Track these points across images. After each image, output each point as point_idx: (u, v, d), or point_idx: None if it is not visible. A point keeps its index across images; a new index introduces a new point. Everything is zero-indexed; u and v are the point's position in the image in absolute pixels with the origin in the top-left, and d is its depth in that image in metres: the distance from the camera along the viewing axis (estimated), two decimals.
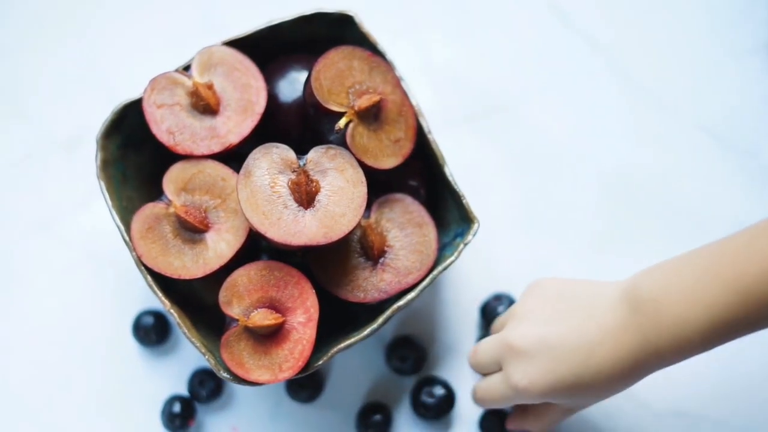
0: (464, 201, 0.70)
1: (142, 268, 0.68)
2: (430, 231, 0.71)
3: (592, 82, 0.86)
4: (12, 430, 0.80)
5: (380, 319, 0.67)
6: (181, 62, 0.72)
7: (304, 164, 0.66)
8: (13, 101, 0.86)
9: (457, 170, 0.77)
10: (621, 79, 0.86)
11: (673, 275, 0.62)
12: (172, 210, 0.68)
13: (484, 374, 0.73)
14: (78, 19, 0.87)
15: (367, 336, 0.67)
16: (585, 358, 0.63)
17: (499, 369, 0.70)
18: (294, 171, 0.65)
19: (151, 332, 0.79)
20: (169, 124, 0.69)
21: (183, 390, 0.80)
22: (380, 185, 0.71)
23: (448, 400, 0.78)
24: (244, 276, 0.66)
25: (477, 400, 0.74)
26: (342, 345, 0.66)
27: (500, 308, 0.79)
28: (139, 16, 0.87)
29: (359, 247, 0.69)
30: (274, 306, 0.66)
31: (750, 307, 0.59)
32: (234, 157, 0.70)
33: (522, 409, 0.75)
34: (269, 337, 0.66)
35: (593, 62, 0.87)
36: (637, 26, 0.87)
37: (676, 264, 0.63)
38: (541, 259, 0.82)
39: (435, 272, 0.69)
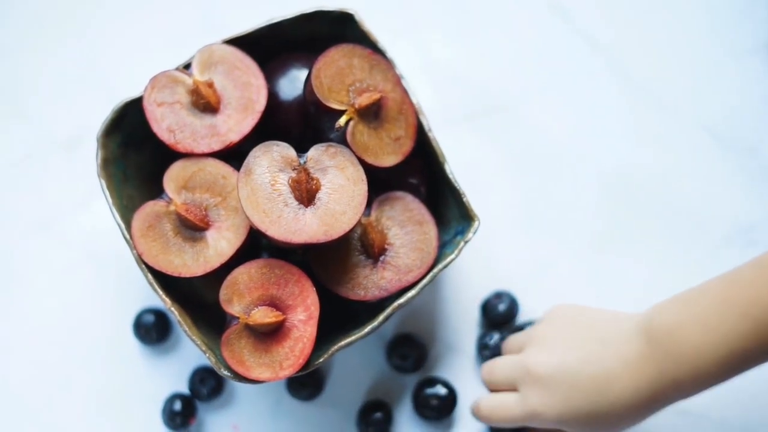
0: (465, 199, 0.70)
1: (143, 266, 0.68)
2: (430, 229, 0.71)
3: (592, 81, 0.86)
4: (13, 428, 0.80)
5: (381, 317, 0.67)
6: (182, 61, 0.72)
7: (305, 162, 0.66)
8: (14, 101, 0.86)
9: (458, 169, 0.77)
10: (621, 78, 0.86)
11: (688, 306, 0.63)
12: (172, 208, 0.68)
13: (493, 390, 0.74)
14: (78, 19, 0.87)
15: (368, 334, 0.67)
16: (603, 388, 0.64)
17: (513, 389, 0.71)
18: (294, 169, 0.65)
19: (152, 330, 0.79)
20: (170, 122, 0.69)
21: (184, 388, 0.80)
22: (381, 183, 0.71)
23: (451, 401, 0.78)
24: (244, 274, 0.66)
25: (482, 416, 0.74)
26: (342, 343, 0.66)
27: (501, 306, 0.79)
28: (139, 16, 0.88)
29: (360, 245, 0.69)
30: (274, 304, 0.66)
31: (765, 335, 0.59)
32: (234, 155, 0.70)
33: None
34: (270, 335, 0.66)
35: (593, 62, 0.87)
36: (638, 26, 0.87)
37: (691, 295, 0.64)
38: (541, 258, 0.82)
39: (435, 270, 0.69)
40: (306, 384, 0.78)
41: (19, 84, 0.86)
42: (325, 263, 0.69)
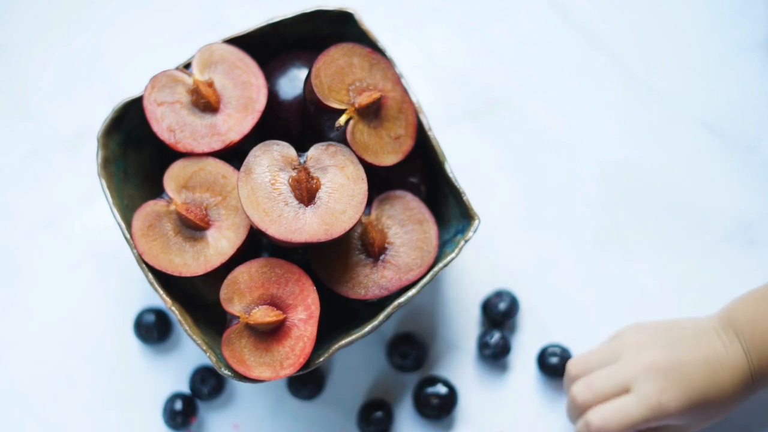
0: (465, 198, 0.70)
1: (143, 265, 0.68)
2: (430, 228, 0.71)
3: (593, 79, 0.86)
4: (16, 425, 0.80)
5: (381, 316, 0.67)
6: (185, 59, 0.72)
7: (305, 161, 0.66)
8: (17, 99, 0.86)
9: (459, 167, 0.77)
10: (622, 76, 0.86)
11: (761, 300, 0.70)
12: (173, 208, 0.68)
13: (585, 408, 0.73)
14: (81, 18, 0.88)
15: (368, 333, 0.67)
16: (711, 375, 0.69)
17: (620, 394, 0.71)
18: (294, 168, 0.65)
19: (153, 330, 0.79)
20: (170, 121, 0.69)
21: (184, 387, 0.80)
22: (381, 182, 0.71)
23: (451, 400, 0.78)
24: (245, 273, 0.66)
25: (596, 429, 0.71)
26: (343, 342, 0.66)
27: (501, 305, 0.79)
28: (141, 15, 0.88)
29: (360, 244, 0.69)
30: (275, 303, 0.66)
31: None
32: (235, 154, 0.70)
33: None
34: (270, 334, 0.66)
35: (594, 59, 0.87)
36: (638, 23, 0.87)
37: (764, 290, 0.72)
38: (542, 256, 0.82)
39: (436, 269, 0.69)
40: (307, 383, 0.78)
41: (23, 82, 0.86)
42: (325, 262, 0.69)
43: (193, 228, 0.68)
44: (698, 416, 0.70)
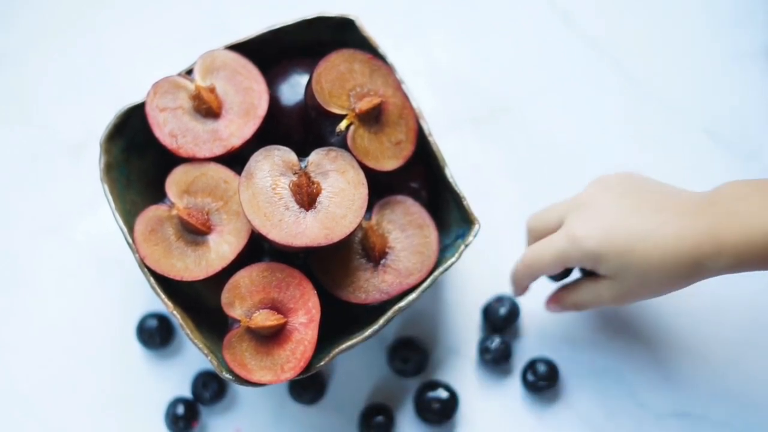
0: (465, 202, 0.70)
1: (145, 270, 0.68)
2: (431, 232, 0.71)
3: (594, 84, 0.87)
4: (19, 430, 0.80)
5: (381, 320, 0.67)
6: (188, 65, 0.72)
7: (306, 166, 0.66)
8: (21, 105, 0.87)
9: (461, 172, 0.77)
10: (624, 81, 0.87)
11: (759, 184, 0.64)
12: (174, 212, 0.68)
13: (535, 240, 0.74)
14: (83, 25, 0.88)
15: (369, 337, 0.67)
16: (650, 228, 0.64)
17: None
18: (295, 173, 0.66)
19: (155, 335, 0.80)
20: (172, 127, 0.70)
21: (186, 392, 0.80)
22: (382, 187, 0.72)
23: (452, 404, 0.78)
24: (246, 277, 0.66)
25: (524, 263, 0.72)
26: (344, 346, 0.66)
27: (502, 310, 0.79)
28: (143, 21, 0.88)
29: (361, 249, 0.70)
30: (276, 307, 0.66)
31: None
32: (236, 159, 0.70)
33: (562, 287, 0.75)
34: (271, 338, 0.66)
35: (596, 64, 0.87)
36: (640, 29, 0.88)
37: (764, 181, 0.64)
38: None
39: (436, 273, 0.69)
40: (308, 388, 0.78)
41: (26, 88, 0.87)
42: (326, 266, 0.69)
43: (194, 232, 0.69)
44: (629, 271, 0.65)
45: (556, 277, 0.74)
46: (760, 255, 0.61)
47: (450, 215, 0.74)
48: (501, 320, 0.79)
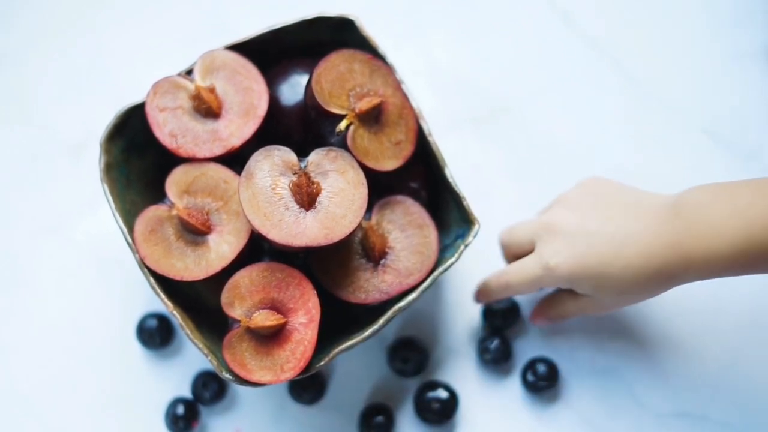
0: (465, 202, 0.70)
1: (145, 270, 0.68)
2: (431, 232, 0.71)
3: (594, 84, 0.87)
4: (18, 429, 0.80)
5: (381, 320, 0.67)
6: (188, 65, 0.72)
7: (306, 166, 0.66)
8: (20, 105, 0.87)
9: (460, 172, 0.77)
10: (624, 81, 0.87)
11: (724, 189, 0.63)
12: (174, 212, 0.68)
13: (510, 256, 0.76)
14: (83, 24, 0.88)
15: (369, 337, 0.67)
16: (618, 249, 0.65)
17: (529, 252, 0.72)
18: (295, 173, 0.66)
19: (155, 335, 0.80)
20: (172, 127, 0.70)
21: (186, 392, 0.80)
22: (382, 187, 0.71)
23: (452, 404, 0.78)
24: (246, 277, 0.66)
25: (499, 286, 0.74)
26: (343, 346, 0.66)
27: (502, 310, 0.79)
28: (143, 21, 0.88)
29: (360, 249, 0.70)
30: (275, 307, 0.66)
31: None
32: (236, 159, 0.70)
33: (545, 301, 0.76)
34: (271, 338, 0.66)
35: (596, 64, 0.87)
36: (640, 29, 0.88)
37: (731, 183, 0.64)
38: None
39: (436, 273, 0.69)
40: (308, 388, 0.78)
41: (26, 88, 0.87)
42: (326, 266, 0.69)
43: (194, 233, 0.69)
44: (600, 288, 0.67)
45: None
46: (725, 265, 0.62)
47: (450, 215, 0.74)
48: (501, 320, 0.80)
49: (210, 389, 0.79)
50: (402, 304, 0.68)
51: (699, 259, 0.62)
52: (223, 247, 0.68)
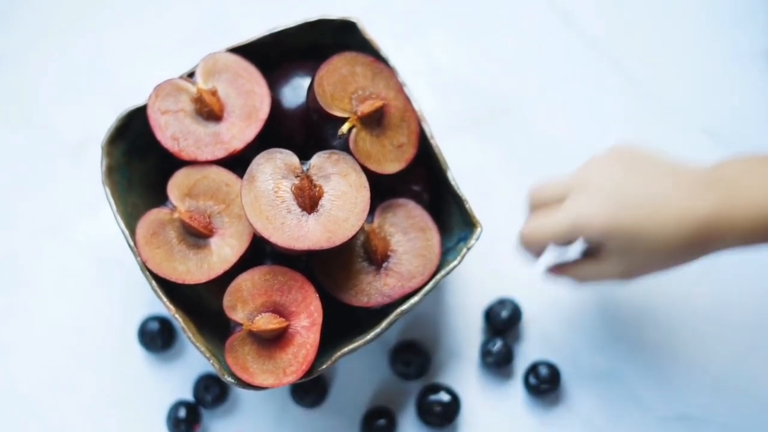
0: (467, 206, 0.70)
1: (147, 273, 0.68)
2: (433, 236, 0.71)
3: (594, 84, 0.87)
4: (18, 429, 0.80)
5: (384, 324, 0.67)
6: (189, 68, 0.72)
7: (308, 169, 0.66)
8: (21, 106, 0.86)
9: (462, 174, 0.77)
10: (624, 81, 0.87)
11: (759, 161, 0.64)
12: (176, 215, 0.68)
13: (537, 212, 0.71)
14: (84, 26, 0.88)
15: (371, 340, 0.67)
16: (654, 210, 0.63)
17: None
18: (297, 176, 0.66)
19: (157, 338, 0.80)
20: (174, 130, 0.69)
21: (188, 395, 0.80)
22: (384, 190, 0.71)
23: (454, 407, 0.78)
24: (248, 280, 0.66)
25: (526, 237, 0.70)
26: (346, 349, 0.66)
27: (504, 313, 0.79)
28: (145, 23, 0.88)
29: (363, 252, 0.70)
30: (278, 310, 0.66)
31: None
32: (238, 162, 0.70)
33: (565, 263, 0.73)
34: (273, 341, 0.66)
35: (596, 65, 0.87)
36: (640, 29, 0.88)
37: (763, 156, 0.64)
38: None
39: (438, 276, 0.69)
40: (310, 391, 0.78)
41: (27, 89, 0.87)
42: (328, 270, 0.69)
43: (196, 236, 0.69)
44: (633, 251, 0.65)
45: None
46: (762, 234, 0.62)
47: (452, 218, 0.74)
48: (503, 323, 0.79)
49: (212, 392, 0.78)
50: (404, 307, 0.68)
51: (741, 223, 0.62)
52: (225, 250, 0.68)
